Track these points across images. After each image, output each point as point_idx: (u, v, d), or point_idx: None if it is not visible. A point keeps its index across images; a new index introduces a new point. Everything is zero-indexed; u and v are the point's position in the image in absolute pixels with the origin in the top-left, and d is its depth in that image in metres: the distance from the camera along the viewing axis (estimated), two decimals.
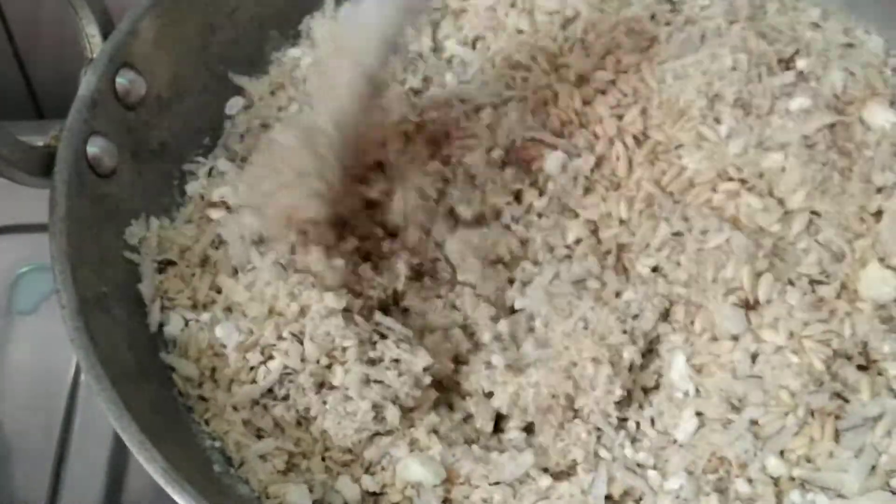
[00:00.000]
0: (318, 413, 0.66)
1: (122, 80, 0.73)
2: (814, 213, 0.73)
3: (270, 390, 0.68)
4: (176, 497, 0.57)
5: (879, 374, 0.68)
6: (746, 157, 0.74)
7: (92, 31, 0.73)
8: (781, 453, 0.65)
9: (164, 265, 0.73)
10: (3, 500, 0.78)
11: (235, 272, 0.72)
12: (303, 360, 0.67)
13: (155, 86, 0.75)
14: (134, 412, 0.60)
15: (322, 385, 0.67)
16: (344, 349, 0.67)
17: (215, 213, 0.75)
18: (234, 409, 0.67)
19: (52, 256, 0.64)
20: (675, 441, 0.67)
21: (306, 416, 0.67)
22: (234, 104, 0.82)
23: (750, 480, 0.65)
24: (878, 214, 0.73)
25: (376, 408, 0.66)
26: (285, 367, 0.67)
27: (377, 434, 0.66)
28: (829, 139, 0.74)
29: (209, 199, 0.76)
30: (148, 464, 0.58)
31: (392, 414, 0.66)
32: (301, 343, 0.68)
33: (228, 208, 0.75)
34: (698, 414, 0.67)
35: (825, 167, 0.73)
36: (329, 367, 0.67)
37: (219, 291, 0.72)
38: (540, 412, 0.68)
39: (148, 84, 0.75)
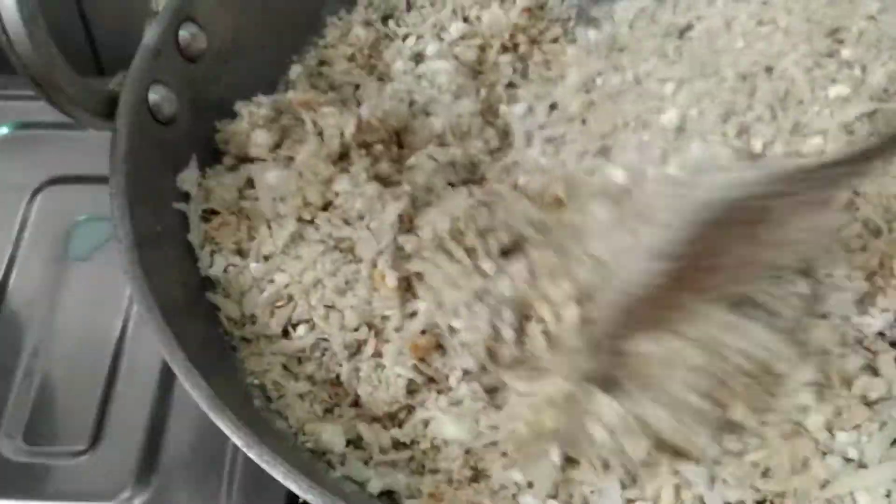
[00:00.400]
0: (349, 380, 0.68)
1: (184, 34, 0.75)
2: (854, 193, 0.73)
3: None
4: (217, 422, 0.59)
5: None
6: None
7: None
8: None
9: (209, 213, 0.75)
10: (49, 435, 0.80)
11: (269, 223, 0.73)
12: (341, 328, 0.69)
13: (215, 41, 0.78)
14: (181, 344, 0.62)
15: (358, 351, 0.69)
16: (384, 318, 0.69)
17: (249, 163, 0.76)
18: (273, 353, 0.69)
19: (111, 193, 0.67)
20: None
21: (338, 381, 0.68)
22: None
23: None
24: None
25: (412, 383, 0.67)
26: (321, 331, 0.69)
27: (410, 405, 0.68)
28: (869, 126, 0.75)
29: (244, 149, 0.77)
30: (193, 390, 0.60)
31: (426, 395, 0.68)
32: (339, 311, 0.69)
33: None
34: None
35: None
36: (367, 335, 0.69)
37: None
38: None
39: (209, 39, 0.77)
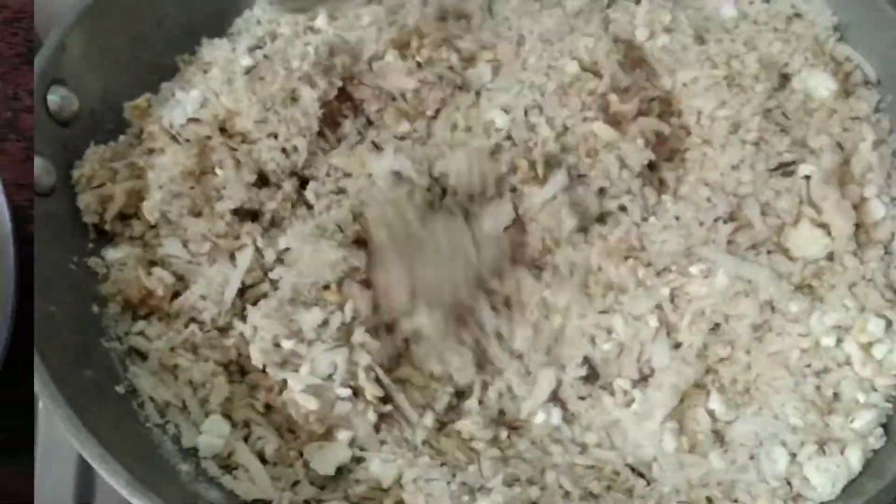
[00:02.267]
0: None
1: (53, 98, 0.72)
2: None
3: None
4: None
5: None
6: None
7: None
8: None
9: None
10: None
11: None
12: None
13: (87, 101, 0.74)
14: (92, 428, 0.59)
15: None
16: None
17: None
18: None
19: None
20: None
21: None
22: None
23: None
24: (809, 177, 0.73)
25: None
26: None
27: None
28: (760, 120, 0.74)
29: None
30: (110, 477, 0.57)
31: None
32: None
33: None
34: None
35: (752, 146, 0.73)
36: None
37: None
38: None
39: (80, 99, 0.73)
